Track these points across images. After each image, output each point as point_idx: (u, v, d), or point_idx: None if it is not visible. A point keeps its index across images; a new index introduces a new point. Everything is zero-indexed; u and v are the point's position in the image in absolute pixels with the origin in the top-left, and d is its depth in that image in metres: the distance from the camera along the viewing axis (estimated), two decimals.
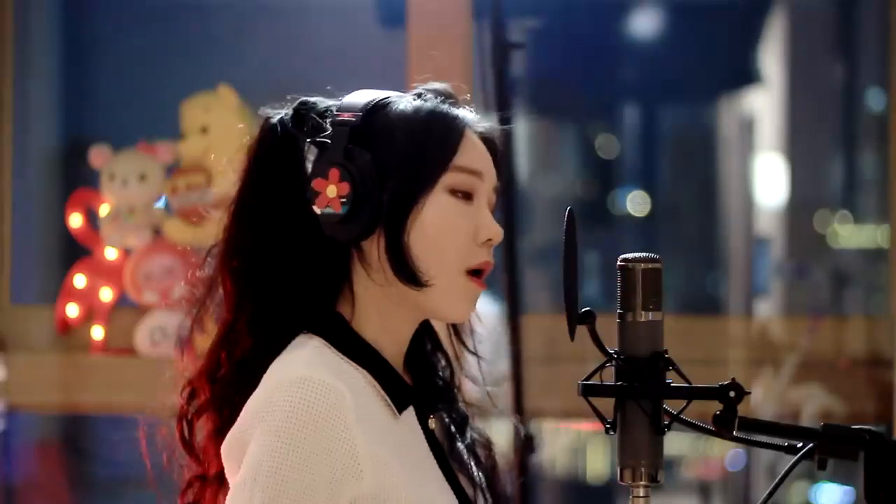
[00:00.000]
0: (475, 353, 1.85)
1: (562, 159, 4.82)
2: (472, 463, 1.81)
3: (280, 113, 1.77)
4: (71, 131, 3.84)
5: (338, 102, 1.77)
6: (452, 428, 1.81)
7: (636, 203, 4.51)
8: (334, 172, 1.70)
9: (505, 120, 2.90)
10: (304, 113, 1.76)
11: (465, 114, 1.78)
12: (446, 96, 1.79)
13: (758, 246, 4.21)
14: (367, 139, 1.72)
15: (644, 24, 4.27)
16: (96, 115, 3.85)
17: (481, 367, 1.86)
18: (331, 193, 1.70)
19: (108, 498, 3.84)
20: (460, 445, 1.80)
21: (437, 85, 1.80)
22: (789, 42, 4.05)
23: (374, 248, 1.72)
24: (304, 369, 1.66)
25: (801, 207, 4.02)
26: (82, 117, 3.86)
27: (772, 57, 4.14)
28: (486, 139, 1.79)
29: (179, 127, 3.43)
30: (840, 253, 4.10)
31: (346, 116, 1.73)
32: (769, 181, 4.11)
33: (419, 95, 1.77)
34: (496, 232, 1.75)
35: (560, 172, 4.81)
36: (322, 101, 1.78)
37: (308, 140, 1.74)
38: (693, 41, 4.22)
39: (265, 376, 1.69)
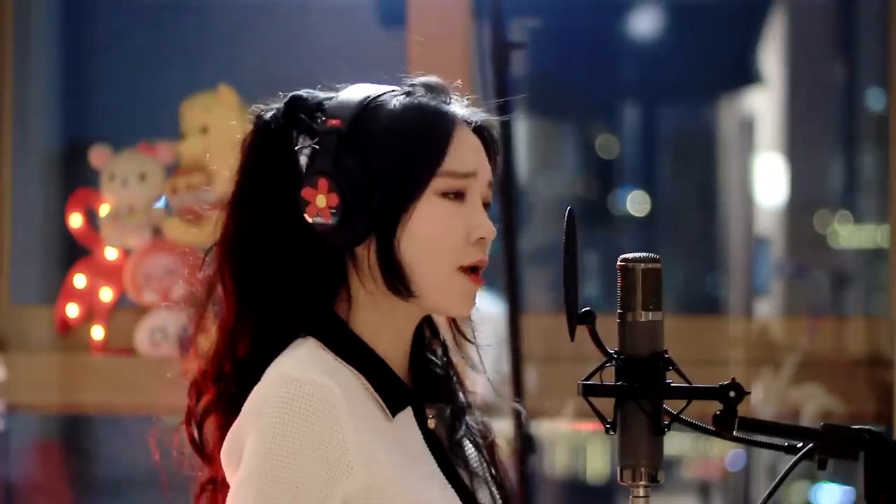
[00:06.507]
0: (472, 342, 1.83)
1: (562, 159, 4.82)
2: (473, 451, 1.80)
3: (272, 109, 1.76)
4: (71, 131, 3.84)
5: (330, 96, 1.75)
6: (452, 420, 1.79)
7: (636, 203, 4.50)
8: (323, 183, 1.68)
9: (505, 119, 2.90)
10: (296, 109, 1.74)
11: (457, 109, 1.74)
12: (438, 90, 1.75)
13: (758, 246, 4.20)
14: (356, 145, 1.69)
15: (644, 24, 4.27)
16: (96, 115, 3.84)
17: (481, 356, 1.84)
18: (320, 203, 1.69)
19: (108, 498, 3.83)
20: (459, 436, 1.79)
21: (427, 79, 1.77)
22: (789, 42, 4.05)
23: (366, 255, 1.71)
24: (294, 369, 1.67)
25: (801, 207, 4.01)
26: (82, 117, 3.85)
27: (772, 57, 4.14)
28: (481, 130, 1.76)
29: (179, 127, 3.43)
30: (840, 253, 4.10)
31: (334, 123, 1.70)
32: (769, 181, 4.10)
33: (409, 93, 1.74)
34: (489, 230, 1.72)
35: (560, 172, 4.81)
36: (314, 96, 1.76)
37: (298, 147, 1.73)
38: (693, 41, 4.22)
39: (262, 378, 1.69)
